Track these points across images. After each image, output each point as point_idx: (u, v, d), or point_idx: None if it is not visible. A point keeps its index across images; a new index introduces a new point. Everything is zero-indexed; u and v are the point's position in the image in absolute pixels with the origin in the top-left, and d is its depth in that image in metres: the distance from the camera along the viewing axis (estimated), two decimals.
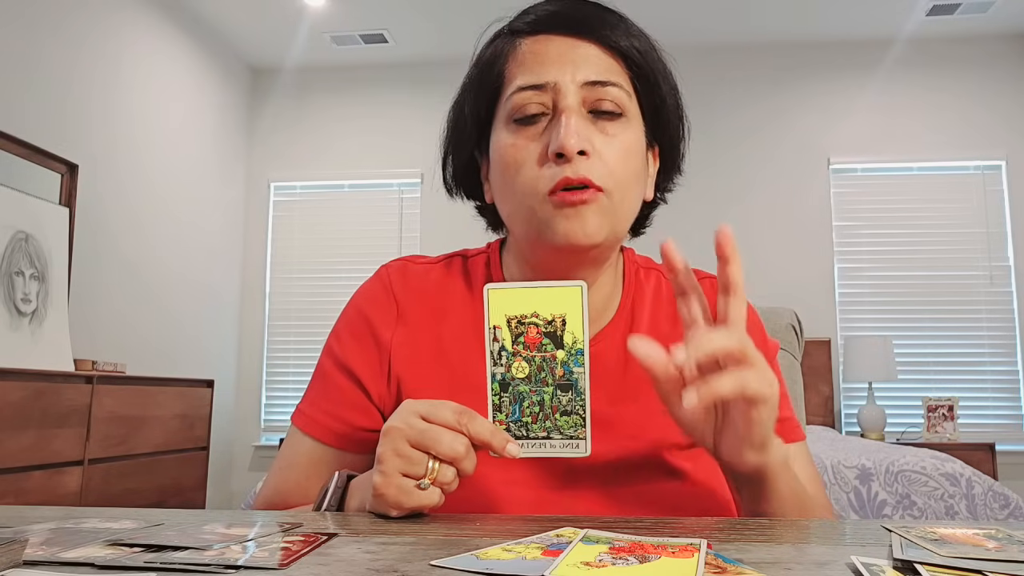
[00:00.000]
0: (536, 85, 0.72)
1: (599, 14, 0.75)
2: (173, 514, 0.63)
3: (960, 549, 0.48)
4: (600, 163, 0.71)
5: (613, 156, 0.71)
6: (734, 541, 0.53)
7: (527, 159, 0.72)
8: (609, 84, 0.72)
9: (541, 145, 0.72)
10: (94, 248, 3.34)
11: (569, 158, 0.69)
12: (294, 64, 4.65)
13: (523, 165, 0.72)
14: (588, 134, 0.71)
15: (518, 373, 0.62)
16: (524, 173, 0.72)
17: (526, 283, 0.63)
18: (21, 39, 2.96)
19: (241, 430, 4.51)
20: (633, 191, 0.75)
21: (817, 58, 4.37)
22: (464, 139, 0.80)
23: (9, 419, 2.24)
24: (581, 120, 0.71)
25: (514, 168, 0.73)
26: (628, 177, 0.73)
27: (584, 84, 0.72)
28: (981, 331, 4.10)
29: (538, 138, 0.72)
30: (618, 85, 0.73)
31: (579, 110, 0.72)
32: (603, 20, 0.74)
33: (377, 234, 4.57)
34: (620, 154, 0.72)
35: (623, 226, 0.75)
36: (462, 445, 0.60)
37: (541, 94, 0.72)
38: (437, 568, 0.44)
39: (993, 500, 2.01)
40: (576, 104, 0.71)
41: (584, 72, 0.72)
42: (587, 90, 0.72)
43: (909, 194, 4.23)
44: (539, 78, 0.72)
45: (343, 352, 0.80)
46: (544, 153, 0.71)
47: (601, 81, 0.72)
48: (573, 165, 0.69)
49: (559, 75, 0.72)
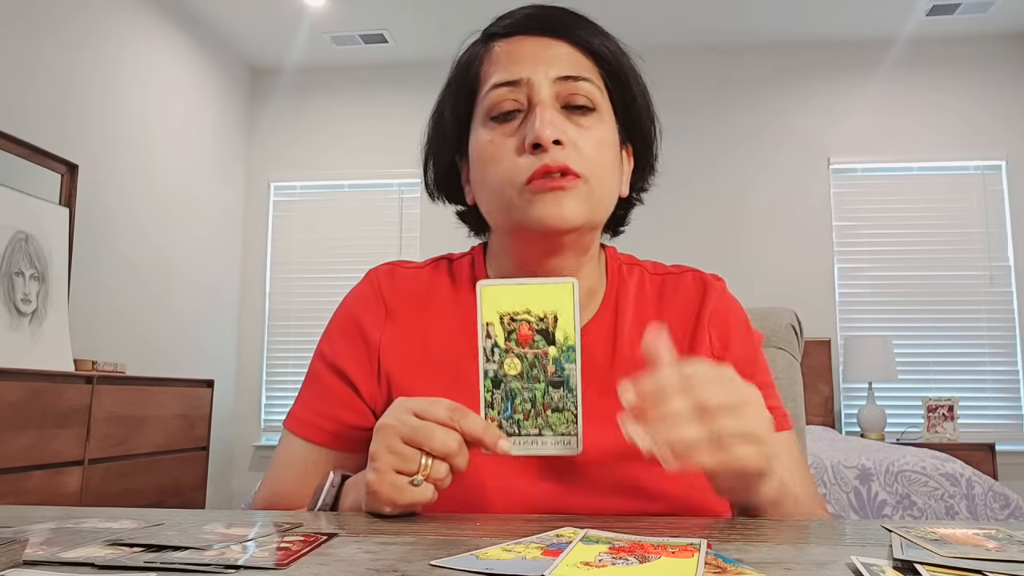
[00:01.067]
0: (510, 82, 0.74)
1: (571, 17, 0.78)
2: (173, 514, 0.63)
3: (960, 549, 0.48)
4: (576, 152, 0.73)
5: (588, 146, 0.73)
6: (734, 541, 0.53)
7: (504, 153, 0.74)
8: (581, 79, 0.75)
9: (518, 139, 0.73)
10: (94, 248, 3.34)
11: (545, 148, 0.71)
12: (294, 64, 4.65)
13: (501, 159, 0.74)
14: (563, 126, 0.73)
15: (510, 370, 0.62)
16: (502, 165, 0.74)
17: (519, 280, 0.63)
18: (21, 39, 2.97)
19: (241, 430, 4.51)
20: (610, 180, 0.76)
21: (817, 58, 4.37)
22: (444, 143, 0.82)
23: (9, 419, 2.24)
24: (555, 113, 0.73)
25: (492, 161, 0.74)
26: (604, 166, 0.75)
27: (557, 79, 0.74)
28: (981, 331, 4.10)
29: (514, 133, 0.74)
30: (590, 80, 0.75)
31: (553, 104, 0.74)
32: (575, 22, 0.77)
33: (377, 234, 4.57)
34: (595, 144, 0.74)
35: (601, 214, 0.77)
36: (455, 441, 0.61)
37: (516, 91, 0.74)
38: (437, 568, 0.44)
39: (993, 500, 2.01)
40: (550, 98, 0.73)
41: (557, 68, 0.74)
42: (560, 85, 0.74)
43: (909, 194, 4.23)
44: (513, 75, 0.74)
45: (333, 353, 0.81)
46: (521, 145, 0.73)
47: (573, 76, 0.74)
48: (551, 154, 0.71)
49: (532, 72, 0.74)
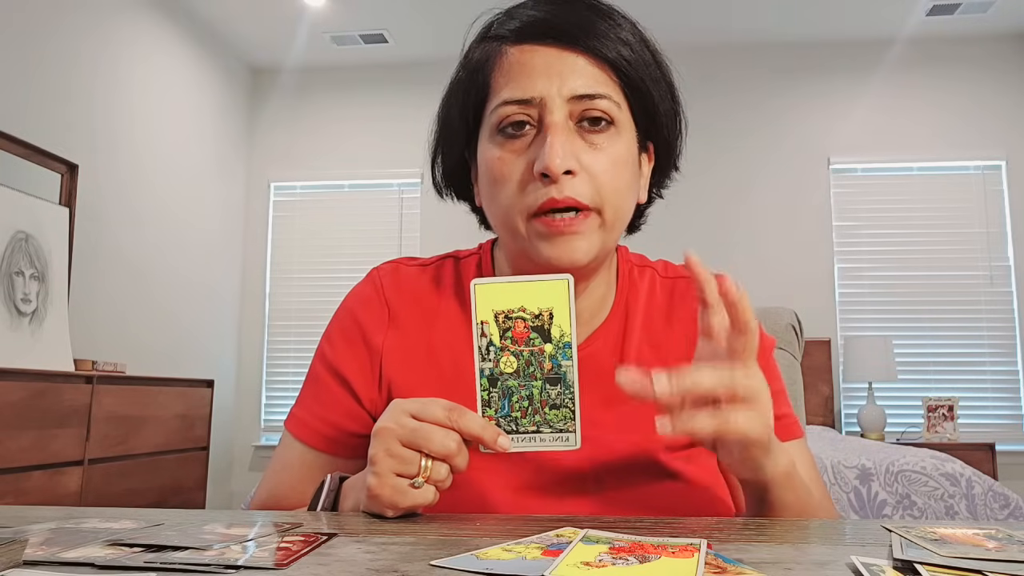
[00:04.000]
0: (522, 100, 0.70)
1: (587, 21, 0.71)
2: (173, 514, 0.63)
3: (960, 549, 0.48)
4: (588, 181, 0.69)
5: (602, 170, 0.70)
6: (734, 541, 0.53)
7: (512, 174, 0.71)
8: (597, 96, 0.70)
9: (527, 160, 0.70)
10: (94, 248, 3.34)
11: (555, 179, 0.68)
12: (294, 64, 4.65)
13: (508, 181, 0.71)
14: (575, 150, 0.69)
15: (506, 368, 0.62)
16: (509, 189, 0.71)
17: (512, 278, 0.62)
18: (21, 39, 2.96)
19: (241, 430, 4.51)
20: (625, 203, 0.73)
21: (817, 58, 4.37)
22: (453, 141, 0.79)
23: (9, 419, 2.24)
24: (568, 136, 0.69)
25: (500, 183, 0.71)
26: (619, 190, 0.71)
27: (571, 98, 0.69)
28: (981, 331, 4.10)
29: (524, 152, 0.70)
30: (607, 97, 0.70)
31: (566, 124, 0.70)
32: (591, 28, 0.71)
33: (377, 234, 4.56)
34: (609, 167, 0.70)
35: (615, 238, 0.74)
36: (454, 442, 0.60)
37: (527, 108, 0.70)
38: (437, 568, 0.44)
39: (993, 500, 2.01)
40: (563, 119, 0.69)
41: (571, 85, 0.69)
42: (574, 104, 0.70)
43: (909, 194, 4.22)
44: (525, 92, 0.70)
45: (335, 357, 0.80)
46: (529, 169, 0.69)
47: (589, 95, 0.70)
48: (559, 185, 0.68)
49: (545, 89, 0.69)
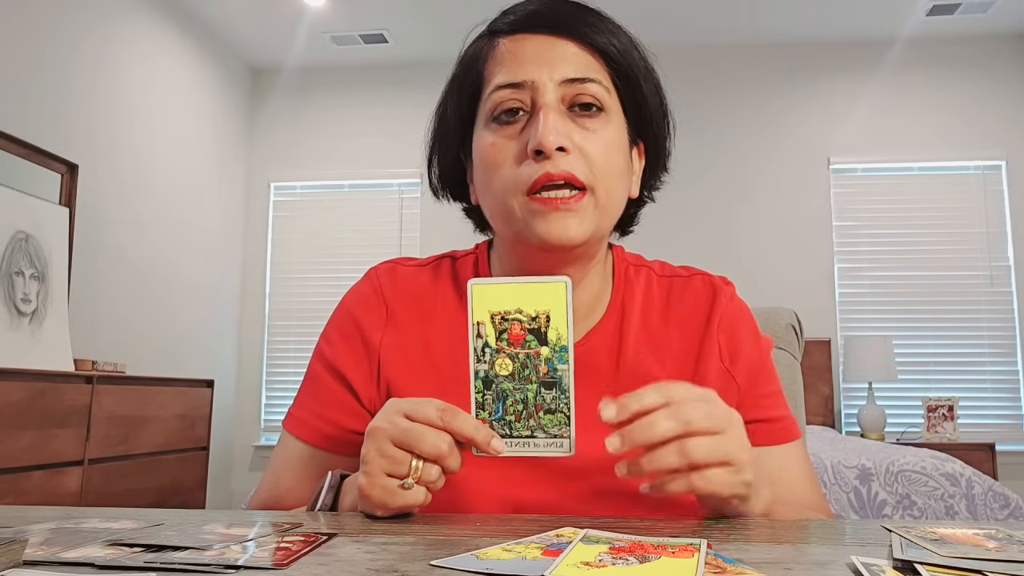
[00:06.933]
0: (514, 83, 0.72)
1: (578, 13, 0.74)
2: (173, 514, 0.63)
3: (960, 549, 0.48)
4: (581, 159, 0.70)
5: (594, 151, 0.71)
6: (734, 541, 0.53)
7: (507, 157, 0.72)
8: (588, 80, 0.72)
9: (520, 143, 0.71)
10: (94, 248, 3.34)
11: (548, 155, 0.69)
12: (294, 64, 4.65)
13: (503, 163, 0.72)
14: (567, 130, 0.70)
15: (501, 370, 0.61)
16: (504, 171, 0.72)
17: (510, 279, 0.61)
18: (21, 39, 2.96)
19: (241, 430, 4.51)
20: (618, 186, 0.74)
21: (817, 58, 4.37)
22: (448, 141, 0.80)
23: (9, 419, 2.24)
24: (560, 117, 0.71)
25: (494, 167, 0.72)
26: (612, 171, 0.72)
27: (563, 82, 0.71)
28: (981, 331, 4.10)
29: (517, 136, 0.72)
30: (597, 81, 0.72)
31: (558, 107, 0.71)
32: (582, 18, 0.74)
33: (377, 234, 4.56)
34: (602, 149, 0.71)
35: (608, 223, 0.75)
36: (445, 443, 0.60)
37: (520, 92, 0.72)
38: (437, 568, 0.44)
39: (993, 500, 2.01)
40: (555, 101, 0.71)
41: (562, 70, 0.71)
42: (565, 87, 0.71)
43: (909, 194, 4.23)
44: (517, 76, 0.72)
45: (333, 355, 0.80)
46: (523, 151, 0.71)
47: (580, 78, 0.71)
48: (554, 161, 0.69)
49: (537, 73, 0.71)
